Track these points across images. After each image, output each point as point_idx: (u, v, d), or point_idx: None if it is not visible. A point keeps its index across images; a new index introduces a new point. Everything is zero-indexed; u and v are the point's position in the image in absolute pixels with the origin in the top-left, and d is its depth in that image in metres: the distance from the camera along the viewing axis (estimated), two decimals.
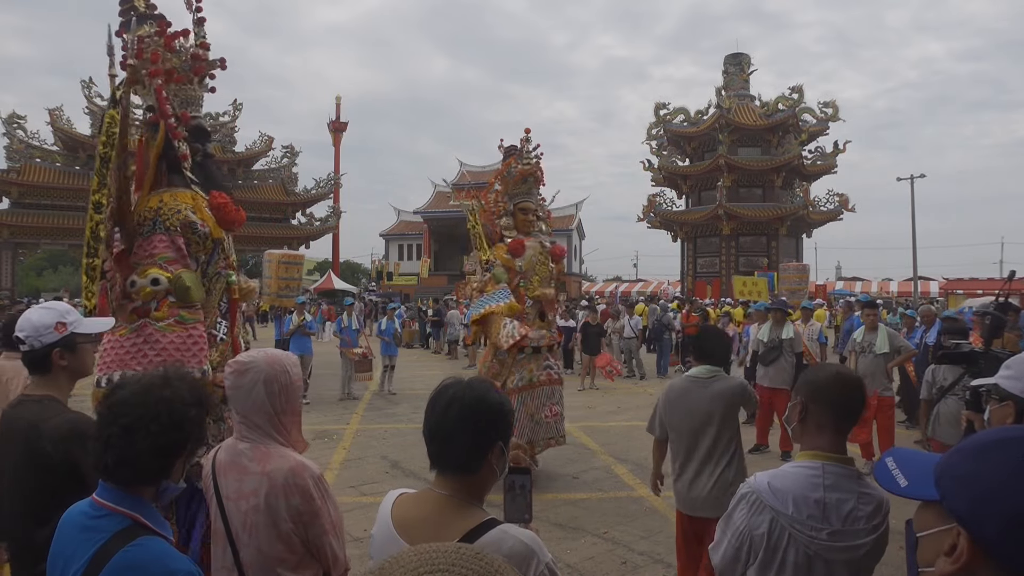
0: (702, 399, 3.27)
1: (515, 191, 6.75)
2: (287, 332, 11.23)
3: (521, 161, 6.76)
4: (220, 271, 3.15)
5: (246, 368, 1.89)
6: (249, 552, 1.81)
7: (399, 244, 54.21)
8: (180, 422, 1.41)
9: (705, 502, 3.22)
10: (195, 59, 3.24)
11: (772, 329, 7.68)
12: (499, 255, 6.33)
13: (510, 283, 6.22)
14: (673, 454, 3.45)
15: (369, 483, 6.25)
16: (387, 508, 1.49)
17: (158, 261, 2.81)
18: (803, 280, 19.56)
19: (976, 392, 2.89)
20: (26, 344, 2.03)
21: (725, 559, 1.75)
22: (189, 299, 2.83)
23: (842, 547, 1.65)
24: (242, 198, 36.44)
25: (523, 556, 1.32)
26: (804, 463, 1.75)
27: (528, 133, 6.92)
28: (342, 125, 50.33)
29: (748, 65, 35.30)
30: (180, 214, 2.95)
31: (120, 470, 1.38)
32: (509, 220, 6.70)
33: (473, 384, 1.47)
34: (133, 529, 1.37)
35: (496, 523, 1.38)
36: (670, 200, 36.16)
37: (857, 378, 1.85)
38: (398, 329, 12.91)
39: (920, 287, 31.79)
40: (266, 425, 1.89)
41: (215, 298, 3.12)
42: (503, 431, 1.44)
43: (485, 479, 1.44)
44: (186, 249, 2.93)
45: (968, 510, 0.82)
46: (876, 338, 6.88)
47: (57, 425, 1.91)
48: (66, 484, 1.88)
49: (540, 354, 6.23)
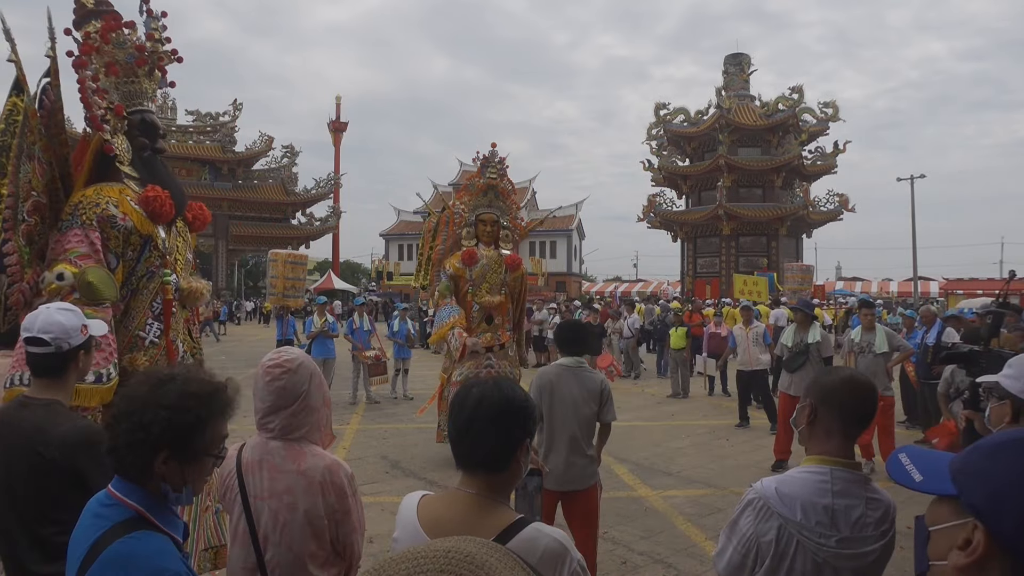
0: (572, 385, 3.60)
1: (478, 203, 7.19)
2: (309, 334, 10.55)
3: (485, 174, 7.16)
4: (153, 270, 3.02)
5: (297, 365, 1.90)
6: (279, 551, 1.81)
7: (399, 244, 54.20)
8: (148, 424, 1.38)
9: (565, 478, 3.53)
10: (139, 51, 3.12)
11: (796, 332, 7.08)
12: (451, 264, 6.93)
13: (457, 292, 6.85)
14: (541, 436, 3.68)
15: (369, 483, 6.24)
16: (411, 510, 1.48)
17: (69, 256, 2.71)
18: (806, 280, 19.60)
19: (976, 390, 2.89)
20: (52, 346, 1.94)
21: (731, 566, 1.71)
22: (95, 296, 2.70)
23: (851, 554, 1.62)
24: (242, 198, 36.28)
25: (558, 554, 1.33)
26: (812, 468, 1.71)
27: (494, 147, 7.35)
28: (342, 125, 50.33)
29: (748, 65, 35.32)
30: (98, 207, 2.84)
31: (112, 460, 1.43)
32: (470, 230, 7.15)
33: (500, 383, 1.48)
34: (133, 522, 1.38)
35: (528, 521, 1.39)
36: (670, 200, 36.19)
37: (869, 383, 1.80)
38: (411, 330, 12.22)
39: (920, 287, 31.78)
40: (310, 421, 1.90)
41: (146, 298, 2.98)
42: (529, 429, 1.46)
43: (512, 477, 1.45)
44: (105, 244, 2.82)
45: (986, 505, 0.84)
46: (874, 338, 6.80)
47: (66, 432, 1.87)
48: (69, 492, 1.85)
49: (480, 355, 6.76)
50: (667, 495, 5.92)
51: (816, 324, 7.19)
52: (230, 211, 39.66)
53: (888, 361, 6.81)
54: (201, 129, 39.56)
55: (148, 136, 3.22)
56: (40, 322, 1.98)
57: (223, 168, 39.70)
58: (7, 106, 2.79)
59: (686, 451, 7.70)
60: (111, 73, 3.07)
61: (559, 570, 1.32)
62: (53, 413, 1.93)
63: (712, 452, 7.65)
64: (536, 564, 1.29)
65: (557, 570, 1.31)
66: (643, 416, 10.03)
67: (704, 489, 6.12)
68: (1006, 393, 2.04)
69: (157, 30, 3.23)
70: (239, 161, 40.06)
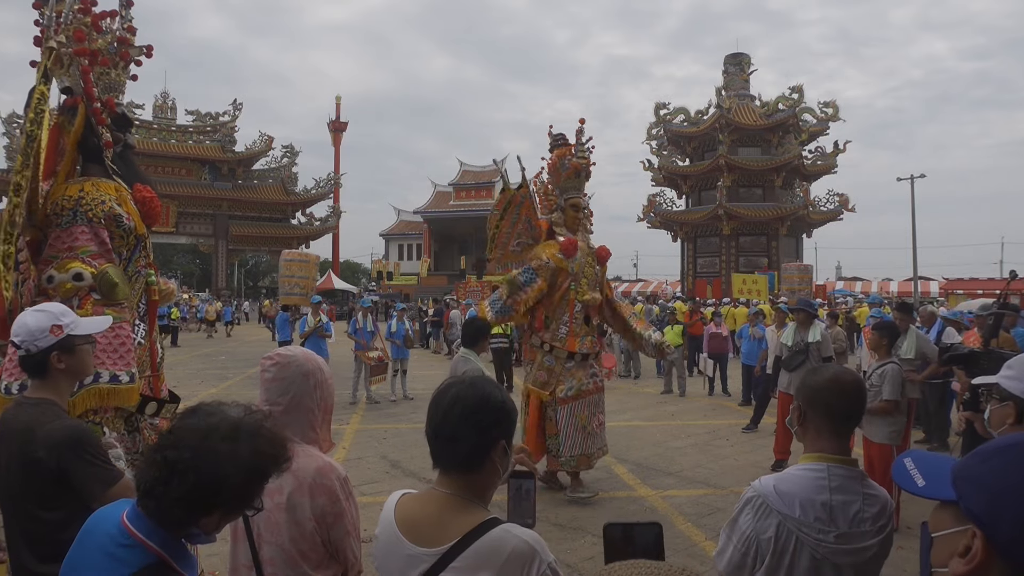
0: None
1: (566, 185, 6.27)
2: (303, 334, 10.55)
3: (576, 153, 6.28)
4: (140, 270, 2.96)
5: (288, 360, 1.89)
6: (271, 550, 1.80)
7: (399, 244, 54.24)
8: (219, 485, 1.22)
9: None
10: (121, 43, 3.05)
11: (796, 332, 6.99)
12: (550, 254, 5.91)
13: (553, 288, 5.88)
14: None
15: (369, 483, 6.24)
16: (390, 508, 1.49)
17: (80, 255, 2.61)
18: (804, 280, 19.56)
19: (975, 392, 2.88)
20: (22, 348, 1.96)
21: (731, 565, 1.72)
22: (115, 296, 2.63)
23: (849, 550, 1.63)
24: (242, 198, 36.26)
25: (526, 555, 1.31)
26: (809, 465, 1.73)
27: (583, 124, 6.41)
28: (342, 125, 50.35)
29: (748, 65, 35.32)
30: (105, 205, 2.75)
31: (145, 500, 1.26)
32: (560, 216, 6.25)
33: (476, 383, 1.47)
34: (158, 569, 1.26)
35: (499, 522, 1.38)
36: (670, 200, 36.18)
37: (856, 380, 1.81)
38: (409, 331, 12.17)
39: (920, 287, 31.76)
40: (303, 420, 1.88)
41: (134, 299, 2.93)
42: (506, 429, 1.44)
43: (488, 478, 1.43)
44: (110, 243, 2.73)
45: (984, 511, 0.82)
46: (904, 341, 6.37)
47: (52, 431, 1.87)
48: (56, 491, 1.86)
49: (587, 361, 5.97)
50: (667, 495, 5.92)
51: (817, 324, 7.10)
52: (230, 211, 39.68)
53: (912, 367, 6.26)
54: (201, 129, 39.56)
55: (121, 130, 3.13)
56: (15, 325, 2.00)
57: (223, 168, 39.70)
58: (35, 95, 2.68)
59: (686, 451, 7.69)
60: (101, 63, 2.98)
61: (526, 571, 1.30)
62: (41, 412, 1.94)
63: (712, 452, 7.64)
64: (502, 565, 1.29)
65: (524, 571, 1.30)
66: (643, 416, 10.04)
67: (704, 489, 6.12)
68: (1007, 394, 2.01)
69: (131, 20, 3.15)
70: (239, 161, 40.08)
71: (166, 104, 39.14)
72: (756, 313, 11.52)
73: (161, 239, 38.88)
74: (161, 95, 39.23)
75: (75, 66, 2.85)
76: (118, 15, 3.09)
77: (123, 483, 1.95)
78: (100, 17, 2.97)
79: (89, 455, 1.90)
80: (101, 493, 1.87)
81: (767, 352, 8.98)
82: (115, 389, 2.61)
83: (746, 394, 10.75)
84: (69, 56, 2.80)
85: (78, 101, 2.86)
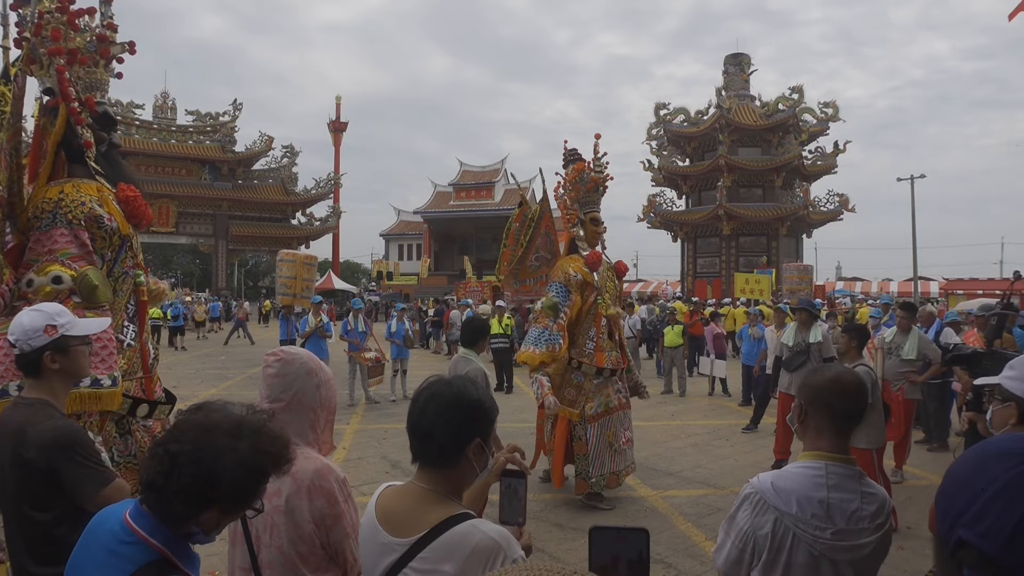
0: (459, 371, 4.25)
1: (585, 199, 6.35)
2: (303, 334, 10.43)
3: (593, 168, 6.38)
4: (127, 271, 2.92)
5: (292, 358, 1.89)
6: (270, 552, 1.80)
7: (399, 244, 54.24)
8: (218, 478, 1.24)
9: None
10: (101, 40, 3.00)
11: (797, 332, 6.97)
12: (577, 267, 5.90)
13: (583, 304, 5.84)
14: None
15: (369, 483, 6.23)
16: (374, 499, 1.55)
17: (59, 258, 2.57)
18: (804, 280, 19.54)
19: (978, 392, 2.87)
20: (17, 348, 1.97)
21: (729, 561, 1.74)
22: (96, 299, 2.60)
23: (847, 546, 1.65)
24: (242, 198, 36.22)
25: (490, 550, 1.35)
26: (807, 463, 1.75)
27: (598, 139, 6.49)
28: (342, 125, 50.34)
29: (748, 65, 35.34)
30: (84, 207, 2.70)
31: (147, 493, 1.28)
32: (579, 230, 6.30)
33: (453, 382, 1.52)
34: (159, 565, 1.26)
35: (469, 517, 1.41)
36: (670, 200, 36.18)
37: (857, 380, 1.82)
38: (409, 331, 12.12)
39: (920, 287, 31.77)
40: (304, 420, 1.87)
41: (122, 300, 2.89)
42: (482, 427, 1.48)
43: (463, 474, 1.48)
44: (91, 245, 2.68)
45: None
46: (906, 342, 6.50)
47: (42, 431, 1.87)
48: (47, 492, 1.86)
49: (614, 376, 5.93)
50: (667, 495, 5.92)
51: (818, 324, 7.07)
52: (230, 211, 39.68)
53: (913, 367, 6.44)
54: (201, 129, 39.56)
55: (105, 129, 3.09)
56: (12, 324, 2.01)
57: (223, 168, 39.70)
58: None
59: (686, 451, 7.70)
60: (81, 62, 2.93)
61: (490, 566, 1.33)
62: (33, 413, 1.94)
63: (712, 452, 7.65)
64: (465, 559, 1.33)
65: (488, 566, 1.33)
66: (643, 416, 10.02)
67: (704, 489, 6.12)
68: (1009, 395, 2.01)
69: (112, 17, 3.11)
70: (239, 161, 40.07)
71: (166, 104, 39.13)
72: (756, 313, 11.52)
73: (161, 239, 38.94)
74: (161, 95, 39.22)
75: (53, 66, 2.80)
76: (96, 12, 3.04)
77: (116, 484, 1.95)
78: (77, 15, 2.91)
79: (80, 456, 1.90)
80: (93, 494, 1.87)
81: (767, 352, 8.95)
82: (96, 393, 2.58)
83: (746, 394, 10.75)
84: (47, 56, 2.75)
85: (59, 102, 2.81)
